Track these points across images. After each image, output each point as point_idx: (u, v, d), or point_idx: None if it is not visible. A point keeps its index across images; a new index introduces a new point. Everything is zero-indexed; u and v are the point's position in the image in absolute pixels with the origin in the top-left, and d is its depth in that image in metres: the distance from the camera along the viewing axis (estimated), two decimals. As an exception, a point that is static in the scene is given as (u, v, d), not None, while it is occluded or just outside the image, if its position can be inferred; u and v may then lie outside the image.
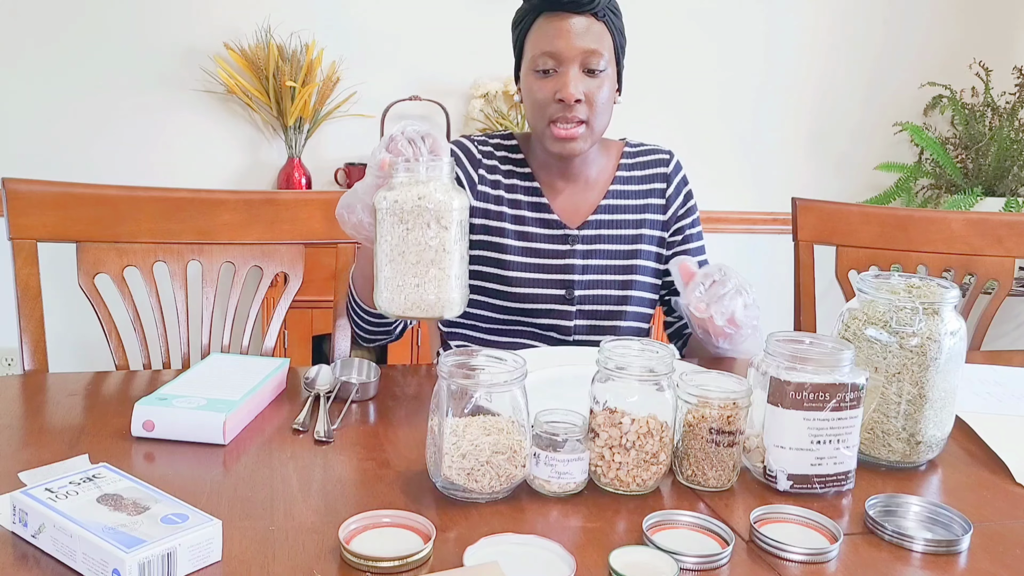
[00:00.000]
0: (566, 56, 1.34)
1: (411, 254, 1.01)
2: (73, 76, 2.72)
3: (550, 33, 1.35)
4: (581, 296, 1.46)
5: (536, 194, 1.48)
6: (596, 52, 1.35)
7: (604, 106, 1.38)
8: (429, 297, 1.02)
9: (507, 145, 1.51)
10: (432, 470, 0.91)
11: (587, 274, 1.47)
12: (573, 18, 1.35)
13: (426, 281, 1.01)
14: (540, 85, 1.37)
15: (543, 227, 1.47)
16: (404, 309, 1.03)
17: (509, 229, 1.46)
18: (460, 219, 1.02)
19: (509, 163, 1.49)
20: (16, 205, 1.37)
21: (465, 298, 1.06)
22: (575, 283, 1.46)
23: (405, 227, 1.00)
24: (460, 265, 1.03)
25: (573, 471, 0.91)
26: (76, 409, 1.11)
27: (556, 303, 1.45)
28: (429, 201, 0.99)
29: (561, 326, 1.47)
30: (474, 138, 1.51)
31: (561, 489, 0.92)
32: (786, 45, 3.19)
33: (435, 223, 1.00)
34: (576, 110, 1.35)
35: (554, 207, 1.48)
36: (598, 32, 1.36)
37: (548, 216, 1.47)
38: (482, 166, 1.48)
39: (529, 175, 1.49)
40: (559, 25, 1.35)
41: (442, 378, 0.89)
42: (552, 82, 1.36)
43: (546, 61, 1.36)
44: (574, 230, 1.47)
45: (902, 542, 0.85)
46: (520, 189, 1.48)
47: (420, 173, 1.01)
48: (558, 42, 1.34)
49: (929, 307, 1.00)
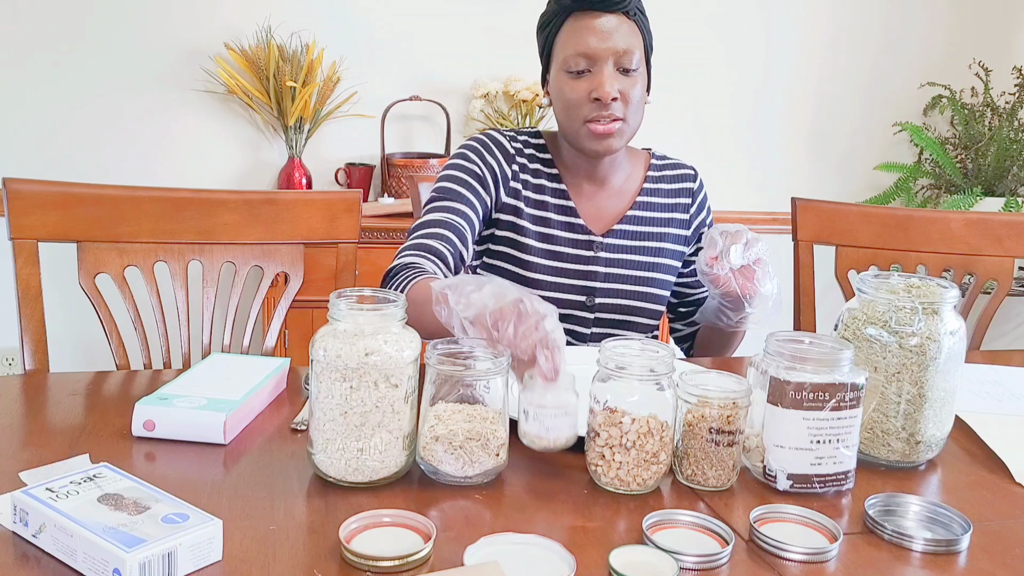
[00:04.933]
0: (600, 55, 1.32)
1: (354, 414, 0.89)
2: (73, 77, 2.72)
3: (582, 33, 1.33)
4: (601, 304, 1.45)
5: (563, 196, 1.45)
6: (629, 51, 1.33)
7: (638, 105, 1.37)
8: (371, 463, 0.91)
9: (535, 144, 1.48)
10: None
11: (608, 282, 1.45)
12: (604, 17, 1.33)
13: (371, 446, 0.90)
14: (573, 85, 1.35)
15: (569, 231, 1.44)
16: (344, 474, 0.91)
17: (534, 230, 1.43)
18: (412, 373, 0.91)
19: (537, 162, 1.46)
20: (17, 205, 1.37)
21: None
22: (596, 291, 1.44)
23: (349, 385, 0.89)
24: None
25: (562, 425, 0.92)
26: (77, 409, 1.11)
27: (576, 309, 1.44)
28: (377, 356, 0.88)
29: (577, 332, 1.45)
30: (504, 132, 1.48)
31: (553, 444, 0.93)
32: (786, 45, 3.19)
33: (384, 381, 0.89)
34: (612, 108, 1.33)
35: (580, 212, 1.45)
36: (629, 30, 1.34)
37: (574, 220, 1.45)
38: (515, 162, 1.44)
39: (556, 176, 1.46)
40: (591, 24, 1.33)
41: (429, 365, 0.93)
42: (586, 82, 1.34)
43: (579, 61, 1.34)
44: (599, 237, 1.45)
45: (902, 542, 0.85)
46: (548, 190, 1.45)
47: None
48: (591, 41, 1.32)
49: (929, 307, 1.00)
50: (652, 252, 1.48)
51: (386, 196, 2.84)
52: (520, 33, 2.72)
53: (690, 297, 1.57)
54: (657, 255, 1.48)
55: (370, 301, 0.93)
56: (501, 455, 0.94)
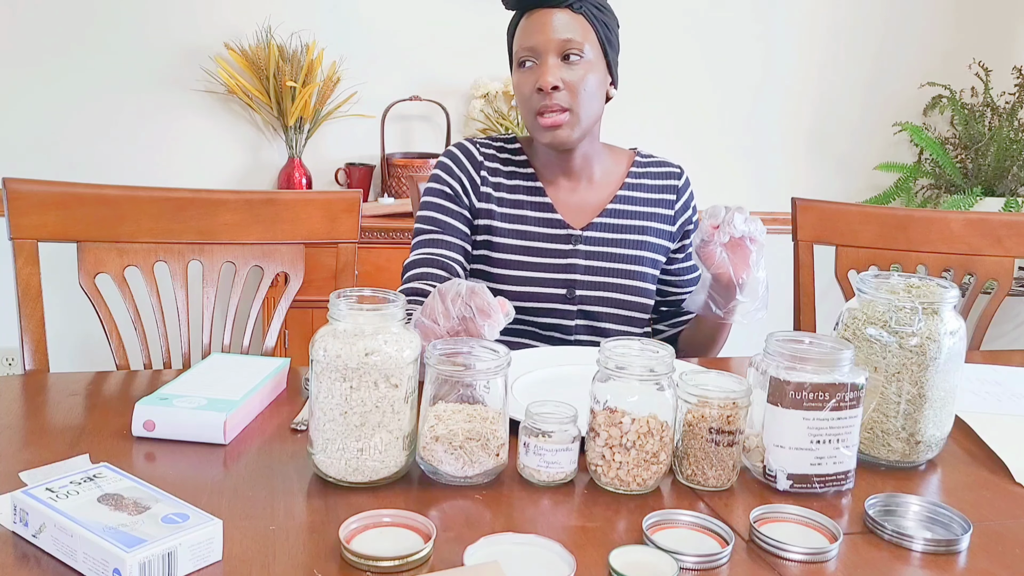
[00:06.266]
0: (542, 48, 1.39)
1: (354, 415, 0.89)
2: (73, 77, 2.72)
3: (529, 29, 1.41)
4: (583, 296, 1.47)
5: (539, 194, 1.49)
6: (571, 40, 1.38)
7: (589, 94, 1.40)
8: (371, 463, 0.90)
9: (510, 148, 1.53)
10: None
11: (589, 275, 1.47)
12: (551, 13, 1.39)
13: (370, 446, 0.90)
14: (521, 79, 1.42)
15: (546, 227, 1.48)
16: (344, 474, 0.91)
17: (510, 229, 1.47)
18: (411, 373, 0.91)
19: (512, 164, 1.51)
20: (17, 205, 1.37)
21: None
22: (577, 283, 1.46)
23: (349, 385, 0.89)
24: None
25: (562, 461, 0.93)
26: (77, 409, 1.11)
27: (557, 303, 1.46)
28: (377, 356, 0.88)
29: (562, 326, 1.47)
30: (476, 141, 1.53)
31: (550, 479, 0.93)
32: (786, 45, 3.19)
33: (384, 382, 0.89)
34: (556, 97, 1.38)
35: (558, 207, 1.49)
36: (574, 23, 1.39)
37: (551, 216, 1.48)
38: (484, 168, 1.49)
39: (532, 175, 1.50)
40: (537, 20, 1.40)
41: (429, 365, 0.93)
42: (532, 74, 1.40)
43: (526, 55, 1.40)
44: (577, 230, 1.48)
45: (902, 542, 0.85)
46: (523, 190, 1.49)
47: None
48: (536, 36, 1.39)
49: (929, 307, 1.00)
50: (633, 245, 1.50)
51: (386, 196, 2.84)
52: (520, 33, 2.74)
53: (673, 296, 1.57)
54: (638, 248, 1.50)
55: (370, 301, 0.93)
56: (501, 455, 0.94)
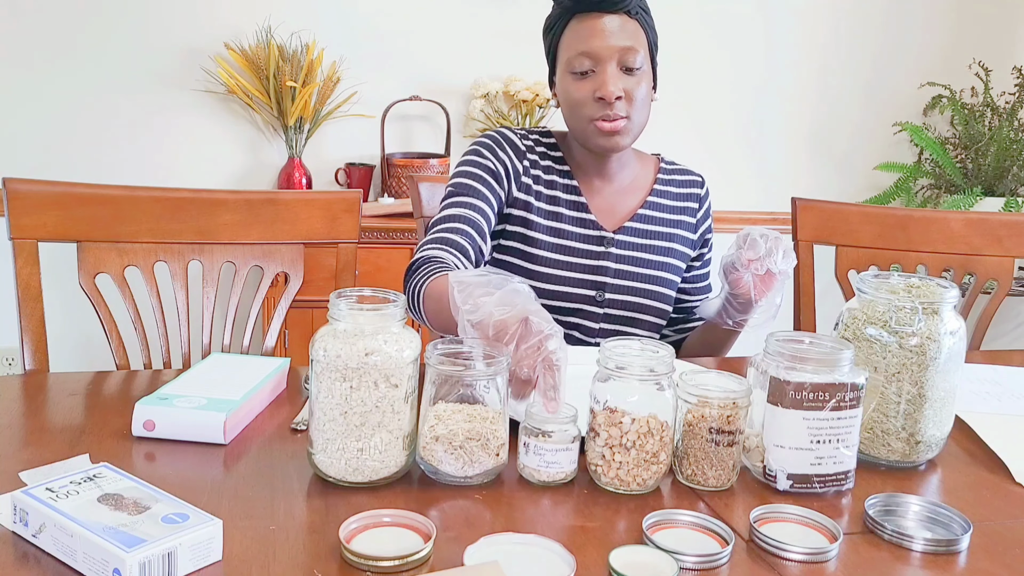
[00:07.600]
0: (603, 55, 1.34)
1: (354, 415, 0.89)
2: (73, 77, 2.72)
3: (584, 34, 1.35)
4: (611, 299, 1.46)
5: (575, 192, 1.47)
6: (632, 49, 1.34)
7: (643, 103, 1.38)
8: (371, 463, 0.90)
9: (546, 142, 1.50)
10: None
11: (619, 278, 1.46)
12: (606, 17, 1.34)
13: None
14: (578, 86, 1.37)
15: (579, 226, 1.46)
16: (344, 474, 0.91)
17: (546, 225, 1.45)
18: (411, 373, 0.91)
19: (548, 159, 1.48)
20: (17, 205, 1.37)
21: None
22: (607, 285, 1.45)
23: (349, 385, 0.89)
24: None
25: (561, 460, 0.93)
26: (77, 409, 1.11)
27: (585, 303, 1.45)
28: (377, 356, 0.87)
29: (586, 327, 1.46)
30: (516, 130, 1.49)
31: (550, 479, 0.93)
32: (786, 45, 3.19)
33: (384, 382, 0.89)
34: (616, 107, 1.35)
35: (592, 207, 1.47)
36: (632, 30, 1.35)
37: (586, 216, 1.46)
38: (526, 158, 1.46)
39: (568, 172, 1.48)
40: (593, 25, 1.35)
41: (429, 365, 0.92)
42: (590, 82, 1.36)
43: (583, 62, 1.35)
44: (610, 232, 1.46)
45: (902, 542, 0.85)
46: (559, 186, 1.47)
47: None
48: (593, 41, 1.34)
49: (929, 307, 1.00)
50: (662, 251, 1.50)
51: (386, 196, 2.84)
52: (520, 33, 2.73)
53: (685, 303, 1.57)
54: (666, 255, 1.50)
55: (370, 301, 0.92)
56: (501, 455, 0.94)
